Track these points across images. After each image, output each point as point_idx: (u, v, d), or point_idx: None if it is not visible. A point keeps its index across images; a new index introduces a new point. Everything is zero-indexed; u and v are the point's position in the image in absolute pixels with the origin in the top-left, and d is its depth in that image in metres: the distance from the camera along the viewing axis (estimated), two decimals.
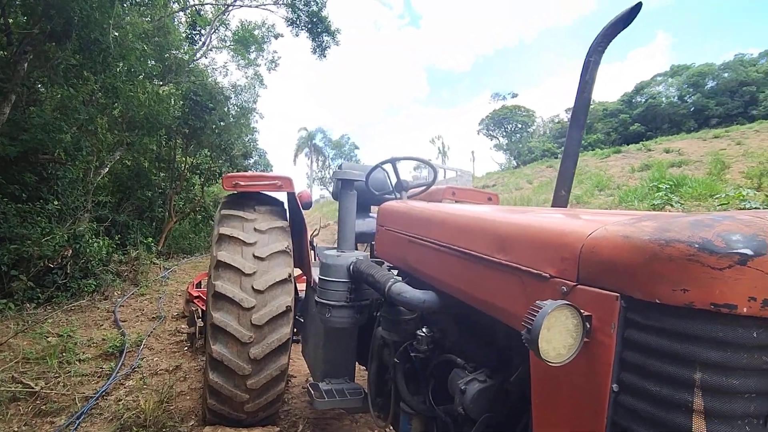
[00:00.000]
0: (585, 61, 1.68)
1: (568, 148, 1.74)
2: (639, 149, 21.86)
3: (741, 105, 37.02)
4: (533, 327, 0.79)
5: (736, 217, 0.73)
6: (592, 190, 13.49)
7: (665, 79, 42.54)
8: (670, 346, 0.73)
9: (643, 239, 0.77)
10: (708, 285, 0.68)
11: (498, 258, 1.17)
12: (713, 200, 7.35)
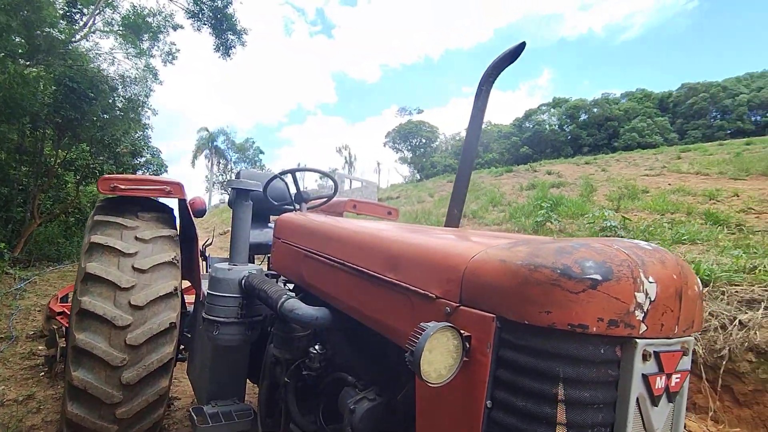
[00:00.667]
0: (477, 90, 1.80)
1: (462, 169, 1.84)
2: (527, 170, 24.19)
3: (606, 137, 43.00)
4: (416, 349, 0.80)
5: (591, 245, 0.82)
6: (487, 206, 14.57)
7: (548, 109, 47.86)
8: (536, 363, 0.78)
9: (517, 264, 0.82)
10: (567, 307, 0.75)
11: (389, 277, 1.18)
12: (583, 219, 8.36)
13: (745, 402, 3.15)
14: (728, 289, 3.78)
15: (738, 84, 43.55)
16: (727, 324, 3.40)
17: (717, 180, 15.73)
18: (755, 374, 3.13)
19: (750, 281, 3.79)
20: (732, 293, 3.71)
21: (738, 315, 3.42)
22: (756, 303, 3.50)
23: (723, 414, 3.23)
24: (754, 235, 6.11)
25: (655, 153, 28.02)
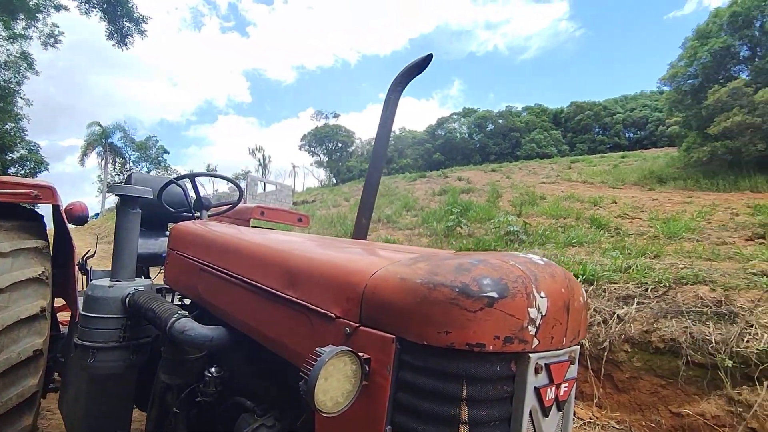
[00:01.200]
0: (386, 98, 1.79)
1: (370, 178, 1.81)
2: (439, 175, 25.26)
3: (510, 146, 46.47)
4: (310, 378, 0.74)
5: (489, 261, 0.82)
6: (401, 211, 14.92)
7: (459, 118, 50.50)
8: (436, 385, 0.76)
9: (416, 282, 0.80)
10: (465, 326, 0.73)
11: (288, 294, 1.10)
12: (490, 223, 8.90)
13: (624, 388, 3.52)
14: (608, 287, 4.22)
15: (615, 104, 49.65)
16: (607, 318, 3.79)
17: (600, 188, 17.72)
18: (631, 363, 3.51)
19: (626, 279, 4.26)
20: (611, 290, 4.14)
21: (616, 310, 3.83)
22: (630, 299, 3.95)
23: (605, 400, 3.58)
24: (629, 238, 6.95)
25: (550, 163, 30.87)
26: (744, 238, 6.16)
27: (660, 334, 3.43)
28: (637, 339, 3.54)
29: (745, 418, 2.85)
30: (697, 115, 16.59)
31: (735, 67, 17.03)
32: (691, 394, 3.17)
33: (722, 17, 16.76)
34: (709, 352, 3.15)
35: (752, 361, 2.98)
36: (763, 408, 2.83)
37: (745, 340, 3.11)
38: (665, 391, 3.30)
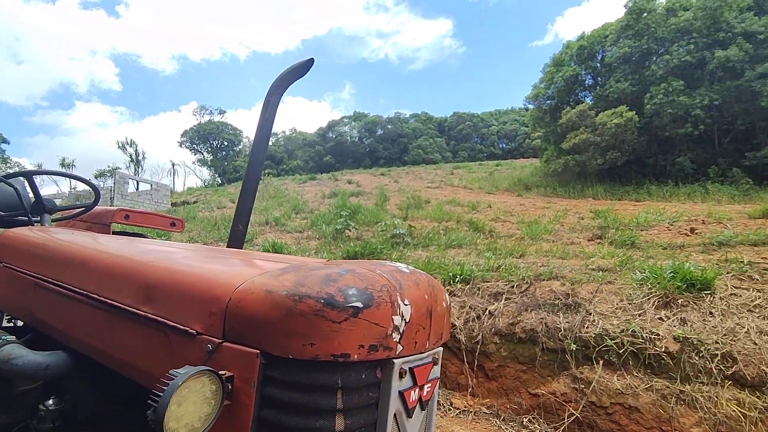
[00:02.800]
0: (265, 101, 1.72)
1: (247, 182, 1.72)
2: (329, 178, 25.29)
3: (398, 151, 48.45)
4: (159, 406, 0.67)
5: (356, 270, 0.83)
6: (290, 213, 14.61)
7: (350, 121, 51.20)
8: (301, 399, 0.75)
9: (282, 294, 0.77)
10: (330, 338, 0.73)
11: (143, 310, 0.99)
12: (377, 226, 9.16)
13: (493, 376, 3.87)
14: (482, 285, 4.62)
15: (491, 117, 54.87)
16: (481, 314, 4.14)
17: (478, 194, 19.36)
18: (499, 353, 3.88)
19: (496, 278, 4.71)
20: (485, 288, 4.54)
21: (488, 306, 4.21)
22: (500, 295, 4.36)
23: (478, 389, 3.91)
24: (501, 240, 7.70)
25: (435, 168, 32.91)
26: (587, 238, 7.23)
27: (522, 326, 3.85)
28: (505, 331, 3.92)
29: (586, 393, 3.33)
30: (554, 132, 19.11)
31: (582, 92, 20.04)
32: (546, 376, 3.61)
33: (572, 49, 19.59)
34: (559, 338, 3.61)
35: (591, 344, 3.50)
36: (599, 383, 3.33)
37: (585, 326, 3.64)
38: (526, 375, 3.71)
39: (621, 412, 3.20)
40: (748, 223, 8.22)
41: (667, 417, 3.04)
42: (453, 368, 4.10)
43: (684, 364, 3.21)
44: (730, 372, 3.06)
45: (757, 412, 2.86)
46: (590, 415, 3.29)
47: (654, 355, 3.29)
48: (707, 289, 3.80)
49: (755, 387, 2.96)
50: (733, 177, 14.97)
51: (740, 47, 15.01)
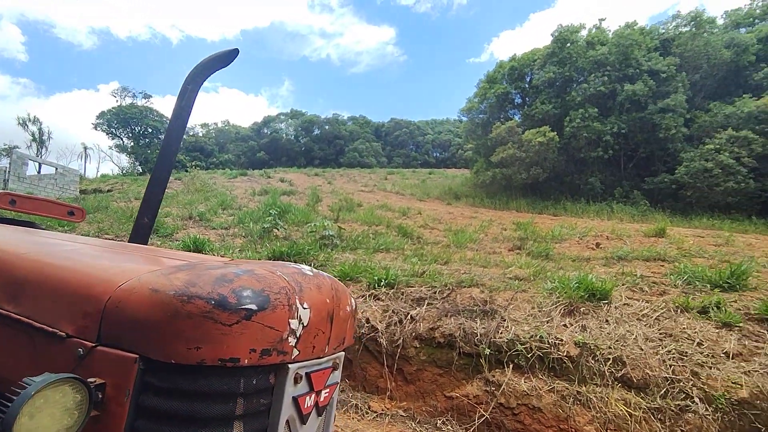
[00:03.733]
0: (182, 88, 1.62)
1: (158, 173, 1.60)
2: (262, 175, 24.48)
3: (334, 153, 48.19)
4: (6, 418, 0.58)
5: (255, 271, 0.79)
6: (217, 209, 13.93)
7: (287, 119, 50.09)
8: (183, 407, 0.70)
9: (169, 294, 0.72)
10: (218, 341, 0.69)
11: (6, 310, 0.87)
12: (307, 227, 9.01)
13: (411, 380, 3.94)
14: (406, 290, 4.69)
15: (427, 126, 56.42)
16: (403, 319, 4.20)
17: (409, 200, 19.77)
18: (418, 357, 3.96)
19: (420, 283, 4.81)
20: (408, 293, 4.62)
21: (411, 311, 4.28)
22: (423, 300, 4.46)
23: (396, 392, 3.96)
24: (427, 246, 7.90)
25: (369, 172, 33.14)
26: (508, 248, 7.64)
27: (442, 331, 3.96)
28: (425, 336, 4.01)
29: (496, 395, 3.50)
30: (484, 145, 20.08)
31: (512, 110, 21.28)
32: (461, 379, 3.75)
33: (504, 69, 20.76)
34: (475, 343, 3.77)
35: (504, 348, 3.68)
36: (508, 386, 3.51)
37: (500, 332, 3.82)
38: (442, 378, 3.82)
39: (526, 412, 3.40)
40: (643, 240, 9.17)
41: (565, 416, 3.27)
42: (373, 372, 4.12)
43: (582, 367, 3.48)
44: (619, 374, 3.36)
45: (641, 411, 3.16)
46: (499, 416, 3.45)
47: (557, 359, 3.53)
48: (605, 299, 4.17)
49: (640, 388, 3.28)
50: (634, 199, 16.67)
51: (645, 83, 16.80)
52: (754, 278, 5.42)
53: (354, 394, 3.93)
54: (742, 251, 8.35)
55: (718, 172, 15.27)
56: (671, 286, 4.94)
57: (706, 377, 3.18)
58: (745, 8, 23.36)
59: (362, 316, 4.30)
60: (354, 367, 4.12)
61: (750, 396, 3.01)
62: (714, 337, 3.56)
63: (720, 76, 18.25)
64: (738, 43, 18.35)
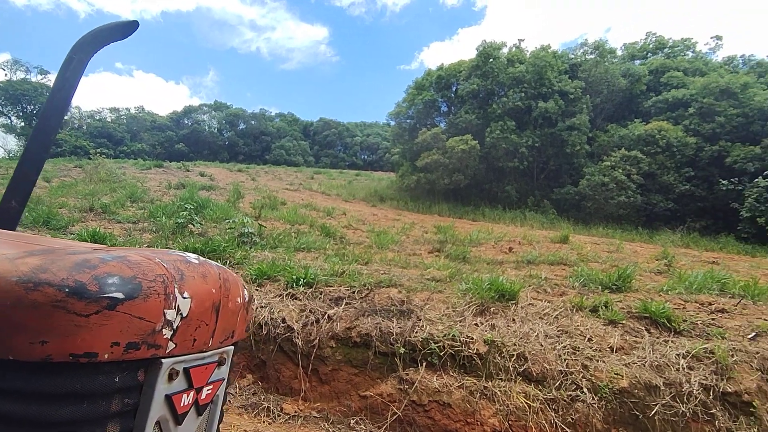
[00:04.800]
0: (68, 57, 1.44)
1: (32, 150, 1.41)
2: (180, 167, 22.95)
3: (260, 149, 46.60)
4: None
5: (129, 258, 0.71)
6: (125, 201, 12.79)
7: (210, 110, 47.53)
8: (24, 410, 0.60)
9: (11, 281, 0.62)
10: (70, 334, 0.61)
11: None
12: (226, 223, 8.58)
13: (326, 380, 3.89)
14: (325, 289, 4.64)
15: (356, 128, 56.63)
16: (320, 318, 4.14)
17: (335, 200, 19.67)
18: (334, 357, 3.92)
19: (340, 283, 4.78)
20: (327, 293, 4.57)
21: (328, 311, 4.23)
22: (341, 300, 4.43)
23: (310, 393, 3.88)
24: (350, 246, 7.89)
25: (296, 171, 32.47)
26: (428, 251, 7.87)
27: (359, 330, 3.96)
28: (342, 335, 3.98)
29: (409, 393, 3.56)
30: (410, 150, 20.60)
31: (438, 117, 22.09)
32: (376, 378, 3.77)
33: (432, 77, 21.49)
34: (391, 342, 3.81)
35: (418, 347, 3.77)
36: (421, 384, 3.59)
37: (415, 331, 3.91)
38: (358, 378, 3.82)
39: (436, 408, 3.50)
40: (550, 246, 9.95)
41: (472, 410, 3.42)
42: (287, 373, 4.01)
43: (489, 363, 3.66)
44: (522, 369, 3.59)
45: (539, 402, 3.40)
46: (411, 413, 3.52)
47: (467, 356, 3.69)
48: (513, 300, 4.44)
49: (539, 381, 3.53)
50: (544, 207, 18.08)
51: (556, 102, 18.32)
52: (637, 281, 6.10)
53: (267, 397, 3.79)
54: (629, 257, 9.38)
55: (613, 187, 17.06)
56: (570, 287, 5.40)
57: (594, 369, 3.50)
58: (641, 42, 26.45)
59: (278, 316, 4.18)
60: (267, 368, 3.99)
61: (629, 385, 3.37)
62: (602, 333, 3.94)
63: (617, 101, 20.44)
64: (633, 73, 20.68)
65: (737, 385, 3.29)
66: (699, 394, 3.26)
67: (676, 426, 3.19)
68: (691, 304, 5.05)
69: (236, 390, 3.73)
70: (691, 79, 20.46)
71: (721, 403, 3.25)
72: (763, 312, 4.83)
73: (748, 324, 4.18)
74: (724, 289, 5.81)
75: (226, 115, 46.40)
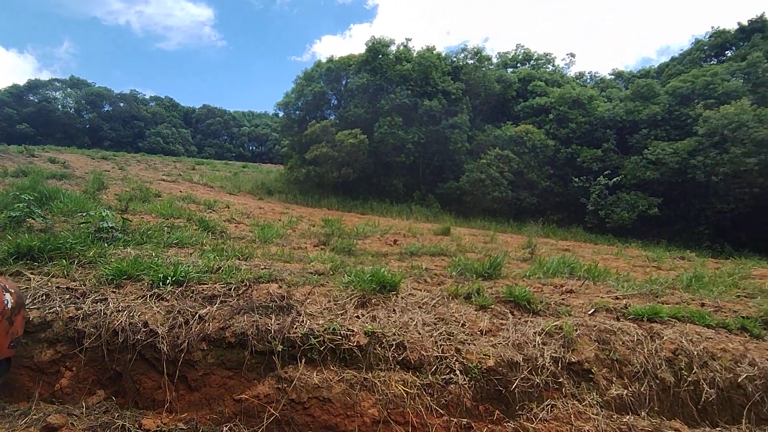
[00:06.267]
0: None
1: None
2: (21, 152, 19.47)
3: (132, 135, 41.65)
4: None
5: None
6: None
7: (65, 87, 41.07)
8: None
9: None
10: None
11: None
12: (79, 216, 7.43)
13: (196, 387, 3.56)
14: (198, 287, 4.25)
15: (243, 118, 53.75)
16: (189, 319, 3.78)
17: (218, 192, 18.42)
18: (205, 360, 3.61)
19: (215, 280, 4.43)
20: (200, 291, 4.19)
21: (200, 310, 3.88)
22: (215, 298, 4.10)
23: (177, 403, 3.52)
24: (231, 241, 7.40)
25: (175, 161, 29.69)
26: (313, 244, 7.74)
27: (234, 330, 3.70)
28: (214, 336, 3.68)
29: (288, 391, 3.43)
30: (299, 142, 20.15)
31: (327, 110, 21.92)
32: (252, 379, 3.56)
33: (322, 68, 21.25)
34: (268, 340, 3.63)
35: (297, 343, 3.64)
36: (300, 381, 3.47)
37: (295, 327, 3.77)
38: (232, 381, 3.56)
39: (316, 404, 3.42)
40: (432, 238, 10.51)
41: (352, 403, 3.40)
42: (149, 383, 3.58)
43: (369, 354, 3.69)
44: (401, 358, 3.68)
45: (416, 388, 3.51)
46: (289, 413, 3.39)
47: (348, 349, 3.67)
48: (394, 290, 4.54)
49: (416, 368, 3.65)
50: (429, 201, 19.10)
51: (439, 101, 19.43)
52: (506, 268, 6.72)
53: (122, 413, 3.34)
54: (501, 247, 10.34)
55: (489, 183, 18.70)
56: (448, 277, 5.72)
57: (466, 352, 3.73)
58: (512, 53, 29.31)
59: (139, 320, 3.71)
60: (124, 380, 3.52)
61: (495, 364, 3.65)
62: (473, 318, 4.22)
63: (493, 103, 22.40)
64: (505, 79, 22.81)
65: (579, 356, 3.77)
66: (550, 366, 3.67)
67: (531, 396, 3.54)
68: (548, 287, 5.71)
69: (82, 410, 3.23)
70: (551, 89, 23.27)
71: (567, 373, 3.69)
72: (601, 291, 5.65)
73: (589, 302, 4.84)
74: (573, 272, 6.69)
75: (87, 95, 40.32)
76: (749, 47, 24.02)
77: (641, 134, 20.74)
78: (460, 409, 3.45)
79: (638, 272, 8.03)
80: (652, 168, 18.84)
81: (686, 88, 20.68)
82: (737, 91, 19.59)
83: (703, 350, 3.82)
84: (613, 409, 3.50)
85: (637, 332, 4.07)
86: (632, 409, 3.51)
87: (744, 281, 7.46)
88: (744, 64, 21.68)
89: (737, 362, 3.73)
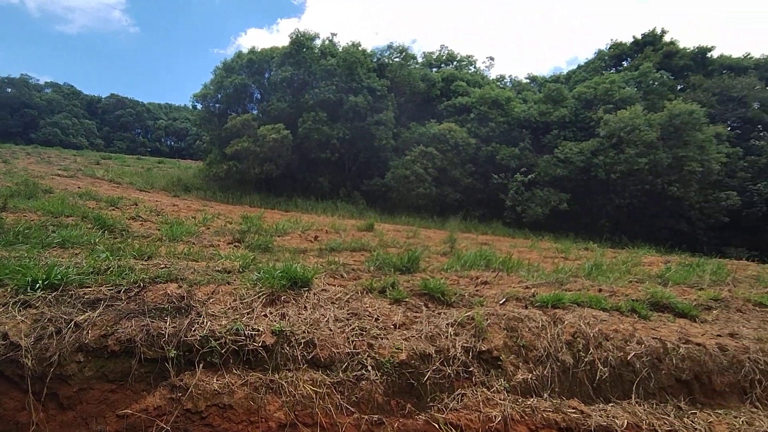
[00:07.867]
0: None
1: None
2: None
3: (21, 125, 36.94)
4: None
5: None
6: None
7: None
8: None
9: None
10: None
11: None
12: None
13: (69, 405, 3.10)
14: (78, 291, 3.73)
15: (160, 110, 50.00)
16: (62, 328, 3.29)
17: (126, 189, 16.88)
18: (82, 374, 3.15)
19: (101, 282, 3.92)
20: (80, 295, 3.68)
21: (76, 317, 3.39)
22: (99, 302, 3.62)
23: (46, 425, 3.04)
24: (134, 240, 6.71)
25: (75, 154, 26.83)
26: (227, 242, 7.27)
27: (117, 337, 3.28)
28: (93, 345, 3.24)
29: (182, 401, 3.09)
30: (219, 136, 19.05)
31: (250, 104, 20.96)
32: (140, 391, 3.17)
33: (243, 59, 20.26)
34: (161, 346, 3.26)
35: (195, 347, 3.31)
36: (197, 388, 3.15)
37: (193, 329, 3.43)
38: (115, 395, 3.15)
39: (215, 413, 3.13)
40: (355, 234, 10.38)
41: (256, 408, 3.15)
42: (11, 404, 3.06)
43: (277, 354, 3.46)
44: (310, 356, 3.49)
45: (326, 387, 3.33)
46: (184, 424, 3.06)
47: (253, 350, 3.41)
48: (306, 286, 4.33)
49: (326, 367, 3.48)
50: (355, 198, 18.98)
51: (365, 97, 19.37)
52: (425, 262, 6.76)
53: None
54: (423, 242, 10.48)
55: (414, 179, 18.99)
56: (365, 271, 5.61)
57: (378, 347, 3.63)
58: (436, 53, 30.08)
59: None
60: None
61: (407, 357, 3.58)
62: (387, 312, 4.14)
63: (418, 102, 22.79)
64: (429, 78, 23.32)
65: (489, 344, 3.82)
66: (461, 356, 3.68)
67: (443, 387, 3.52)
68: (464, 279, 5.81)
69: None
70: (472, 89, 24.22)
71: (477, 361, 3.73)
72: (513, 281, 5.86)
73: (501, 292, 4.97)
74: (489, 264, 6.89)
75: None
76: (642, 58, 26.83)
77: (552, 135, 22.34)
78: (372, 405, 3.34)
79: (548, 263, 8.50)
80: (561, 166, 20.34)
81: (589, 94, 22.59)
82: (631, 97, 21.78)
83: (598, 332, 4.05)
84: (519, 393, 3.58)
85: (542, 318, 4.22)
86: (536, 392, 3.62)
87: (636, 268, 8.20)
88: (637, 74, 24.16)
89: (627, 341, 3.99)
